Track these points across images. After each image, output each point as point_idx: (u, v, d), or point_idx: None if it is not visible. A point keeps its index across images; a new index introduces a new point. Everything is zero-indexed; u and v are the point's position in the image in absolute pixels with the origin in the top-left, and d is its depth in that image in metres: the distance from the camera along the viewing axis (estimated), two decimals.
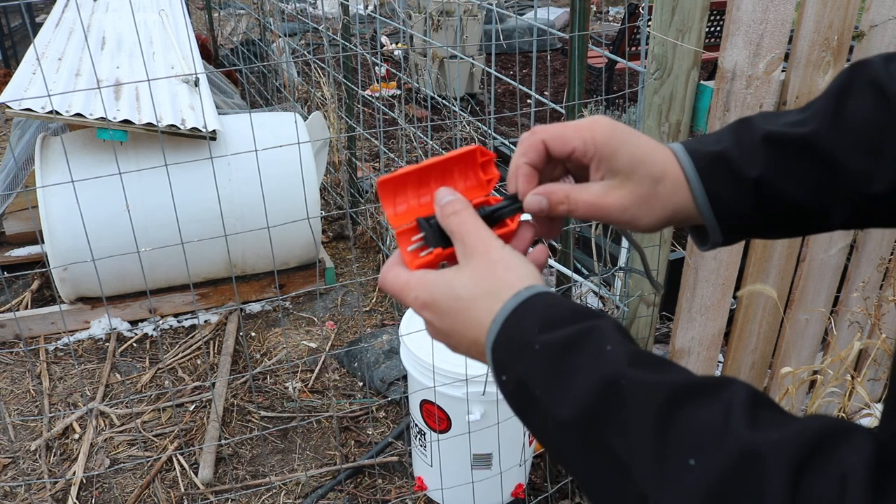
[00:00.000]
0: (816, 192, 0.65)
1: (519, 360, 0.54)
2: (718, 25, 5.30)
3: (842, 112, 0.64)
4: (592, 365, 0.50)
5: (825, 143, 0.63)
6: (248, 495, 2.37)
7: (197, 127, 2.89)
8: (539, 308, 0.56)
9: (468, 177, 0.70)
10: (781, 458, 0.42)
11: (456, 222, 0.62)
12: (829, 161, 0.64)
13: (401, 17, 5.40)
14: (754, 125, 0.66)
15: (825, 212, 0.66)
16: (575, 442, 0.50)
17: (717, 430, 0.45)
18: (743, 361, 2.11)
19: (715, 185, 0.65)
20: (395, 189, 0.67)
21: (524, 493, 2.23)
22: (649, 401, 0.47)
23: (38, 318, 3.13)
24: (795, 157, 0.64)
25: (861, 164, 0.63)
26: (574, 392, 0.50)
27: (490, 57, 6.34)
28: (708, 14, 1.61)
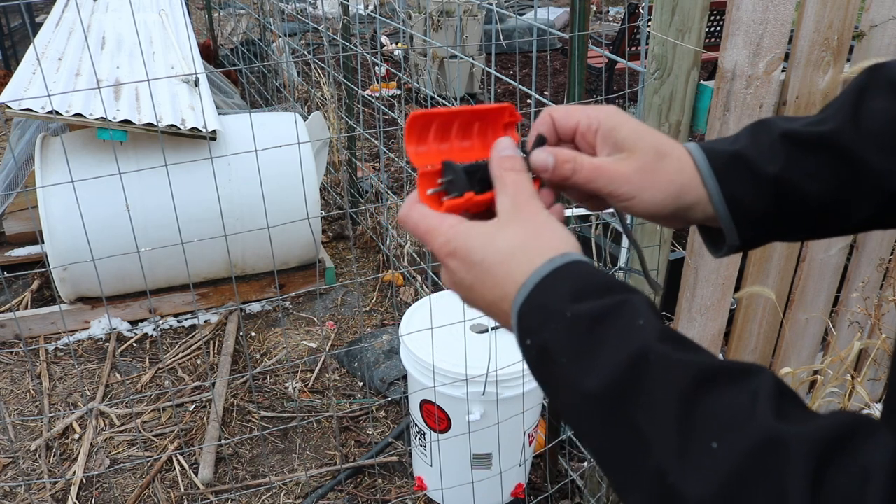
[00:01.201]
0: (837, 190, 0.64)
1: (546, 326, 0.53)
2: (718, 25, 5.30)
3: (861, 111, 0.63)
4: (622, 338, 0.50)
5: (845, 141, 0.63)
6: (248, 495, 2.37)
7: (197, 127, 2.89)
8: (573, 276, 0.55)
9: (488, 134, 0.69)
10: (805, 449, 0.42)
11: (513, 179, 0.61)
12: (849, 158, 0.63)
13: (401, 17, 5.40)
14: (772, 125, 0.65)
15: (845, 210, 0.65)
16: (598, 413, 0.49)
17: (743, 416, 0.44)
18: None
19: (732, 185, 0.64)
20: (422, 128, 0.66)
21: (524, 493, 2.23)
22: (677, 378, 0.47)
23: (38, 318, 3.13)
24: (815, 154, 0.64)
25: (881, 161, 0.62)
26: (602, 363, 0.49)
27: (490, 57, 6.33)
28: (708, 14, 1.61)
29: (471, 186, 0.63)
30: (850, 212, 0.65)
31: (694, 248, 1.82)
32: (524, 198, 0.60)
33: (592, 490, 2.17)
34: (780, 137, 0.64)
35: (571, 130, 0.67)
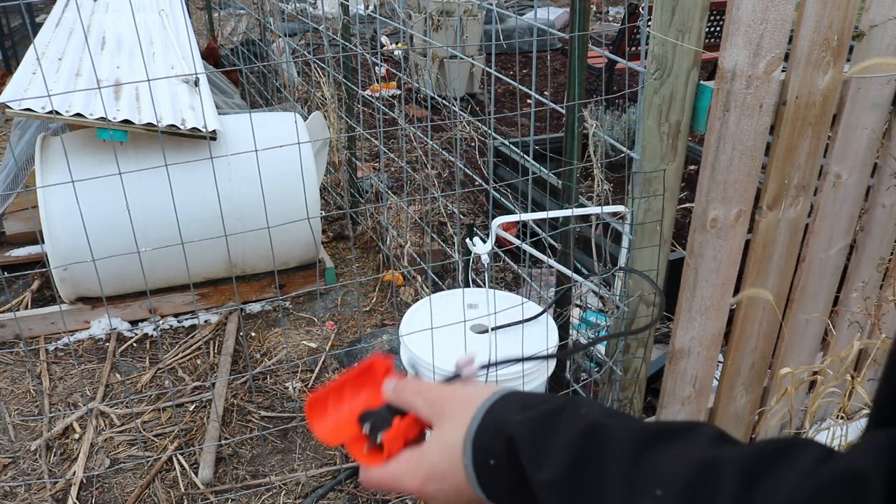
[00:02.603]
0: None
1: (504, 430, 0.56)
2: (718, 25, 5.30)
3: None
4: (570, 423, 0.53)
5: None
6: (248, 495, 2.37)
7: (197, 127, 2.89)
8: (514, 399, 0.59)
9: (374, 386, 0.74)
10: (738, 465, 0.45)
11: (413, 390, 0.66)
12: None
13: (401, 17, 5.40)
14: None
15: None
16: (559, 497, 0.52)
17: (682, 459, 0.47)
18: (743, 361, 2.11)
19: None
20: (319, 408, 0.74)
21: None
22: (627, 441, 0.50)
23: (38, 318, 3.13)
24: None
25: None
26: (556, 449, 0.52)
27: (490, 57, 6.34)
28: (708, 14, 1.61)
29: (393, 414, 0.68)
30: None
31: (694, 248, 1.82)
32: (434, 394, 0.64)
33: None
34: None
35: None
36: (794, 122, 1.73)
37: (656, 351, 2.43)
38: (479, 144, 4.73)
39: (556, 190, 2.16)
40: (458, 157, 3.17)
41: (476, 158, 4.72)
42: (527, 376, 1.91)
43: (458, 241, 3.07)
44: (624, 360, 1.93)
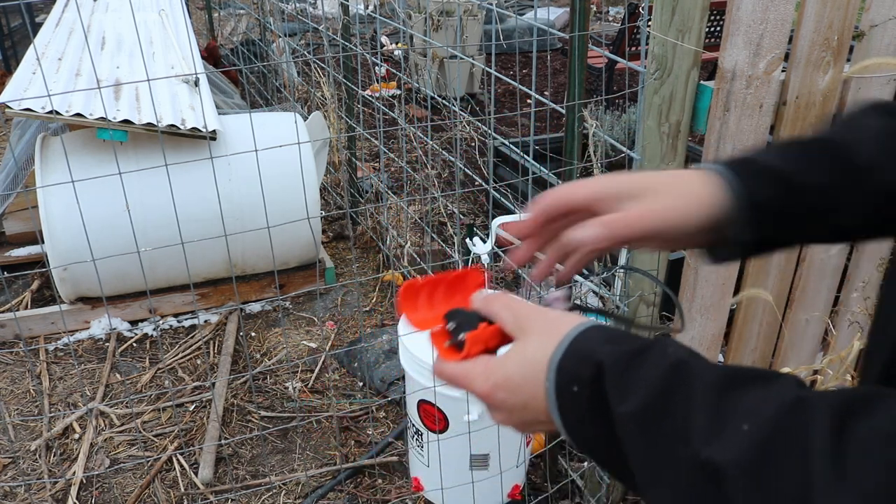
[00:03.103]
0: (837, 183, 0.68)
1: (591, 358, 0.56)
2: (718, 25, 5.30)
3: (853, 125, 0.71)
4: (659, 359, 0.54)
5: (840, 139, 0.70)
6: (248, 495, 2.37)
7: (197, 127, 2.89)
8: (599, 330, 0.59)
9: (467, 294, 0.76)
10: (827, 405, 0.46)
11: (503, 303, 0.66)
12: (846, 152, 0.68)
13: (401, 17, 5.40)
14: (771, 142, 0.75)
15: (848, 207, 0.69)
16: (639, 428, 0.52)
17: (769, 400, 0.49)
18: (743, 361, 2.11)
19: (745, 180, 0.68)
20: (411, 296, 0.76)
21: (521, 494, 2.23)
22: (711, 378, 0.51)
23: (38, 318, 3.13)
24: (815, 150, 0.70)
25: (874, 157, 0.67)
26: (644, 380, 0.53)
27: (490, 57, 6.33)
28: (708, 14, 1.61)
29: (480, 319, 0.69)
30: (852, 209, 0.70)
31: None
32: (523, 311, 0.64)
33: (592, 490, 2.17)
34: (785, 144, 0.72)
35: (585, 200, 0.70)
36: (795, 122, 1.73)
37: None
38: (479, 144, 4.73)
39: None
40: (458, 157, 3.17)
41: (476, 158, 4.72)
42: None
43: (458, 241, 3.07)
44: None
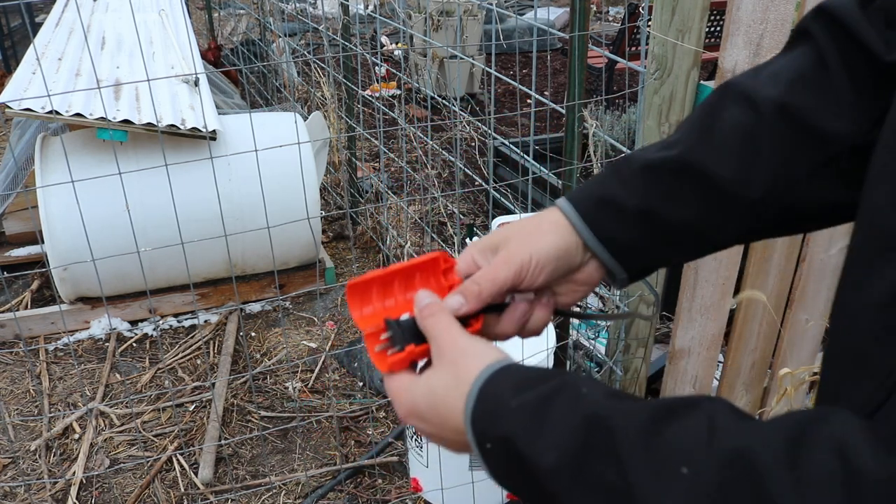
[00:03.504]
0: (702, 210, 0.65)
1: (498, 422, 0.55)
2: (718, 25, 5.30)
3: (710, 126, 0.65)
4: (571, 408, 0.52)
5: (697, 158, 0.64)
6: (248, 495, 2.37)
7: (197, 127, 2.89)
8: (508, 378, 0.58)
9: (430, 282, 0.73)
10: (773, 444, 0.43)
11: (431, 323, 0.65)
12: (704, 175, 0.64)
13: (401, 17, 5.40)
14: (632, 158, 0.67)
15: (716, 228, 0.67)
16: (568, 484, 0.50)
17: (704, 437, 0.46)
18: (743, 361, 2.11)
19: (602, 227, 0.67)
20: (362, 293, 0.71)
21: None
22: (633, 423, 0.48)
23: (38, 318, 3.13)
24: (672, 179, 0.65)
25: (735, 171, 0.64)
26: (558, 436, 0.51)
27: (490, 57, 6.33)
28: (708, 14, 1.61)
29: (410, 339, 0.67)
30: (721, 228, 0.67)
31: None
32: (444, 337, 0.63)
33: None
34: (640, 170, 0.66)
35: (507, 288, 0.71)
36: None
37: (656, 351, 2.43)
38: (479, 144, 4.73)
39: (556, 190, 2.16)
40: (458, 157, 3.16)
41: (476, 158, 4.72)
42: None
43: (458, 241, 3.07)
44: (624, 360, 1.93)
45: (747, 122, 0.64)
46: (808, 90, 0.62)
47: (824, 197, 0.65)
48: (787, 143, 0.63)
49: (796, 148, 0.63)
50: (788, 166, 0.63)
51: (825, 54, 0.62)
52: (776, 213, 0.65)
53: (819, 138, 0.62)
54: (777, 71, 0.65)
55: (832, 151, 0.62)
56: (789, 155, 0.63)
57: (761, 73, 0.66)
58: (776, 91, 0.63)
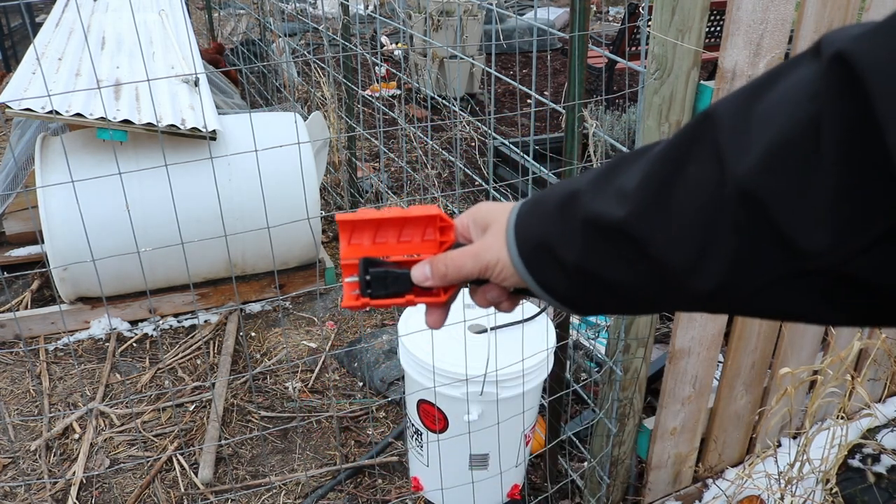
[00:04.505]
0: (648, 284, 0.56)
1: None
2: (718, 25, 5.30)
3: (670, 186, 0.53)
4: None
5: (644, 233, 0.54)
6: (248, 495, 2.37)
7: (197, 127, 2.89)
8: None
9: (426, 233, 0.73)
10: None
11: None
12: (648, 255, 0.54)
13: (401, 17, 5.40)
14: (580, 203, 0.59)
15: (670, 304, 0.59)
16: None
17: None
18: (743, 361, 2.11)
19: (543, 274, 0.64)
20: (354, 229, 0.73)
21: (521, 494, 2.23)
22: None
23: (38, 318, 3.13)
24: (614, 247, 0.56)
25: (685, 258, 0.52)
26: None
27: (490, 57, 6.33)
28: (708, 14, 1.61)
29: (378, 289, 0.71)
30: (659, 302, 0.59)
31: None
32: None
33: (592, 490, 2.17)
34: (581, 224, 0.59)
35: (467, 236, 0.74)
36: None
37: (656, 351, 2.43)
38: (479, 144, 4.73)
39: None
40: (458, 157, 3.16)
41: (476, 158, 4.72)
42: (527, 375, 1.91)
43: None
44: (624, 360, 1.93)
45: (709, 198, 0.49)
46: (786, 169, 0.45)
47: (801, 312, 0.50)
48: (745, 241, 0.48)
49: (756, 250, 0.47)
50: (746, 268, 0.49)
51: (823, 119, 0.43)
52: (739, 310, 0.54)
53: (786, 248, 0.46)
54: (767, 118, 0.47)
55: (806, 267, 0.46)
56: (748, 256, 0.48)
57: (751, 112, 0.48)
58: (748, 163, 0.46)
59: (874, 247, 0.42)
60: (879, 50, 0.40)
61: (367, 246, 0.72)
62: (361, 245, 0.72)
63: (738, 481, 2.10)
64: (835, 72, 0.42)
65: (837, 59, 0.42)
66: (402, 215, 0.71)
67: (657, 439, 2.08)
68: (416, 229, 0.72)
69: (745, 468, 2.07)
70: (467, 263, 0.68)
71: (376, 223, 0.71)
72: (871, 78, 0.39)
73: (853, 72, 0.41)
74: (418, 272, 0.70)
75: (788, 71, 0.48)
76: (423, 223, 0.72)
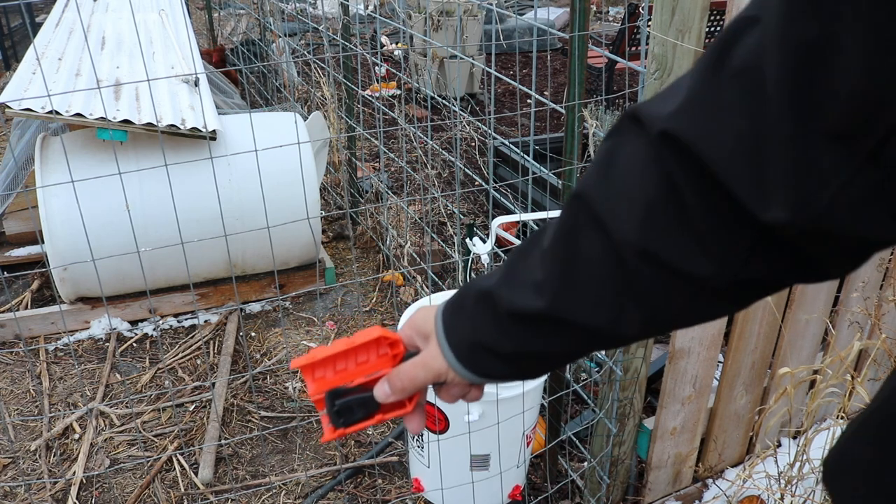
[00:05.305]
0: (573, 345, 0.66)
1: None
2: (718, 25, 5.30)
3: (572, 264, 0.62)
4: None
5: (566, 313, 0.63)
6: (248, 495, 2.37)
7: (197, 127, 2.89)
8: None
9: (378, 352, 0.79)
10: None
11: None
12: (576, 326, 0.63)
13: (401, 17, 5.40)
14: (499, 301, 0.67)
15: (590, 351, 0.70)
16: None
17: None
18: (743, 361, 2.11)
19: (484, 368, 0.72)
20: (314, 368, 0.78)
21: (521, 494, 2.23)
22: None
23: (38, 318, 3.13)
24: (545, 329, 0.65)
25: (607, 318, 0.62)
26: None
27: (490, 57, 6.33)
28: (708, 14, 1.61)
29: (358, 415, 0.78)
30: (613, 347, 0.72)
31: None
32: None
33: (592, 490, 2.17)
34: (508, 318, 0.66)
35: None
36: None
37: (656, 351, 2.43)
38: (479, 144, 4.73)
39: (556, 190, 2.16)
40: (458, 157, 3.17)
41: (476, 158, 4.72)
42: None
43: (458, 241, 3.07)
44: (624, 360, 1.93)
45: (609, 267, 0.59)
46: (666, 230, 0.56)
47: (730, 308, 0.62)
48: (657, 286, 0.59)
49: (669, 289, 0.59)
50: (665, 304, 0.60)
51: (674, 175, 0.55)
52: (672, 328, 0.67)
53: (688, 279, 0.57)
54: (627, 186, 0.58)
55: (709, 286, 0.57)
56: (662, 295, 0.59)
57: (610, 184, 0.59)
58: (633, 230, 0.57)
59: (749, 263, 0.55)
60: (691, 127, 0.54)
61: (330, 377, 0.78)
62: (325, 378, 0.78)
63: (738, 481, 2.10)
64: (668, 143, 0.55)
65: (665, 135, 0.55)
66: (350, 346, 0.77)
67: (657, 439, 2.08)
68: (368, 352, 0.78)
69: (745, 468, 2.07)
70: (419, 374, 0.75)
71: (331, 359, 0.77)
72: (695, 145, 0.53)
73: (680, 142, 0.54)
74: (380, 392, 0.76)
75: (618, 148, 0.59)
76: (371, 346, 0.78)
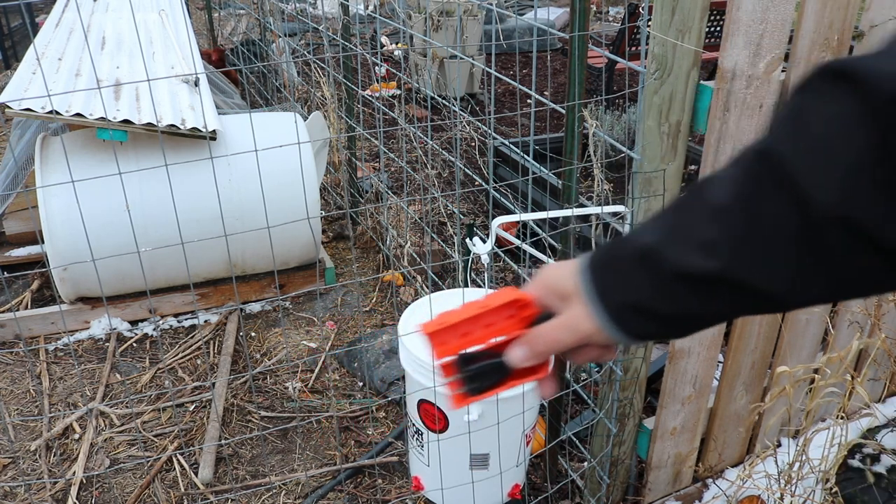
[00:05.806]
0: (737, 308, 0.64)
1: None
2: (718, 25, 5.30)
3: (754, 226, 0.57)
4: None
5: (743, 276, 0.59)
6: (248, 495, 2.37)
7: (197, 127, 2.89)
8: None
9: (509, 314, 0.75)
10: None
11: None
12: (753, 290, 0.59)
13: (401, 17, 5.40)
14: (663, 260, 0.63)
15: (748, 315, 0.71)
16: None
17: None
18: (743, 361, 2.11)
19: (637, 328, 0.68)
20: (440, 334, 0.75)
21: (521, 493, 2.23)
22: None
23: (38, 318, 3.13)
24: (715, 291, 0.61)
25: (788, 284, 0.58)
26: None
27: (490, 57, 6.33)
28: (708, 14, 1.61)
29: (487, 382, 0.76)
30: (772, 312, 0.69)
31: None
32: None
33: (592, 490, 2.17)
34: (673, 279, 0.63)
35: None
36: None
37: (656, 351, 2.43)
38: (479, 144, 4.73)
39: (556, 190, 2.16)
40: (458, 157, 3.17)
41: (476, 158, 4.72)
42: None
43: (458, 241, 3.07)
44: (624, 360, 1.93)
45: (798, 230, 0.55)
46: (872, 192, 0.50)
47: None
48: (850, 255, 0.54)
49: (863, 259, 0.53)
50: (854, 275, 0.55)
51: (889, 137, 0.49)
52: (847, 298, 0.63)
53: (890, 253, 0.52)
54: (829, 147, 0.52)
55: None
56: (855, 266, 0.54)
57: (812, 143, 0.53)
58: (834, 193, 0.52)
59: None
60: None
61: (455, 343, 0.75)
62: (450, 343, 0.75)
63: (738, 481, 2.10)
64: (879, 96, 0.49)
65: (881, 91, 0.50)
66: (482, 310, 0.74)
67: (657, 439, 2.08)
68: (497, 314, 0.75)
69: (745, 468, 2.07)
70: (563, 336, 0.71)
71: (462, 323, 0.74)
72: None
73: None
74: (516, 356, 0.73)
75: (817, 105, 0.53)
76: (502, 309, 0.74)
